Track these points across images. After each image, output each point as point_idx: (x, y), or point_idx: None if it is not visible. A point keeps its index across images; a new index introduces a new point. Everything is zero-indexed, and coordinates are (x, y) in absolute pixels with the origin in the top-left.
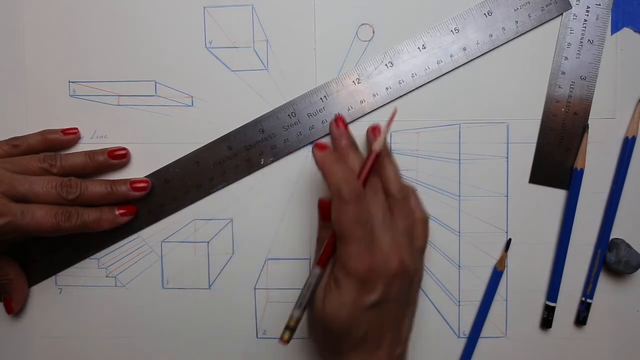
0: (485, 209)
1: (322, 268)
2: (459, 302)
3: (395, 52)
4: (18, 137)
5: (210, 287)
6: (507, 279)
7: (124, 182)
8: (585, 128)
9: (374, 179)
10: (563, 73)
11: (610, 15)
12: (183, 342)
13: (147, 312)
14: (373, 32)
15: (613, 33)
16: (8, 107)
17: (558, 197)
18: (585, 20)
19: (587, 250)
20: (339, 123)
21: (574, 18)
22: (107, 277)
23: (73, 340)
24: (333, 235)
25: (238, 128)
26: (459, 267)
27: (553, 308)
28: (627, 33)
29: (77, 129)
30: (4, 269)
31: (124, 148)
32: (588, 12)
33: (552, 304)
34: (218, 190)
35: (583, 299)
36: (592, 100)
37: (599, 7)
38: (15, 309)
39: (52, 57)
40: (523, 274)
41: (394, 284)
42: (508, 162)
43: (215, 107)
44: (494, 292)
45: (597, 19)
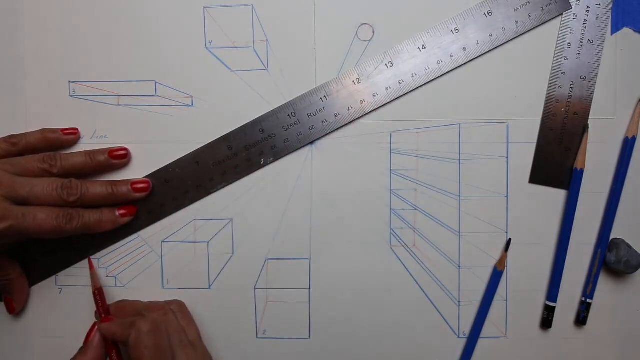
0: (485, 209)
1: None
2: (459, 302)
3: (395, 52)
4: (17, 135)
5: (210, 287)
6: (507, 279)
7: (125, 183)
8: (585, 128)
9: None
10: (563, 73)
11: (610, 15)
12: None
13: None
14: (373, 32)
15: (613, 33)
16: (8, 107)
17: (558, 197)
18: (585, 20)
19: (587, 250)
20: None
21: (574, 18)
22: (107, 277)
23: (73, 340)
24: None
25: (238, 128)
26: (459, 267)
27: (553, 308)
28: (627, 33)
29: (77, 129)
30: (6, 269)
31: (125, 148)
32: (588, 12)
33: (552, 304)
34: (218, 190)
35: (583, 299)
36: (592, 100)
37: (599, 7)
38: (17, 309)
39: (52, 57)
40: (523, 274)
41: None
42: (508, 162)
43: (215, 107)
44: (494, 292)
45: (597, 19)
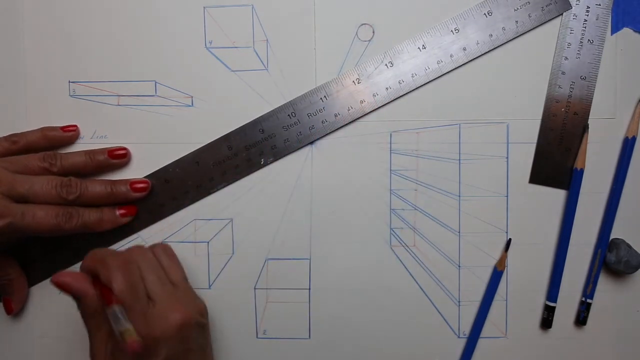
0: (485, 209)
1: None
2: (459, 302)
3: (396, 52)
4: (17, 133)
5: (210, 287)
6: (507, 279)
7: (124, 182)
8: (586, 128)
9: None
10: (563, 73)
11: (610, 15)
12: None
13: None
14: (373, 32)
15: (613, 33)
16: (8, 107)
17: (558, 197)
18: (585, 20)
19: (587, 250)
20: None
21: (574, 18)
22: None
23: (73, 340)
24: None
25: (238, 128)
26: (459, 267)
27: (553, 308)
28: (627, 33)
29: (76, 126)
30: (5, 269)
31: (124, 148)
32: (588, 12)
33: (552, 304)
34: (218, 190)
35: (583, 299)
36: (592, 100)
37: (599, 7)
38: (15, 309)
39: (52, 57)
40: (523, 274)
41: (183, 337)
42: (508, 162)
43: (215, 107)
44: (494, 292)
45: (597, 19)
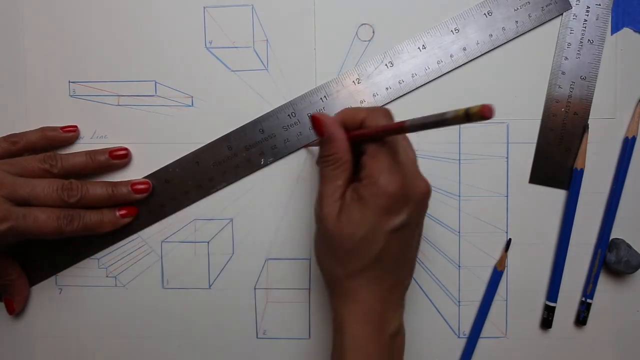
0: (485, 209)
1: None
2: (459, 302)
3: (396, 52)
4: (16, 133)
5: (210, 287)
6: (507, 279)
7: (125, 183)
8: (585, 128)
9: None
10: (563, 73)
11: (610, 15)
12: (183, 342)
13: (147, 312)
14: (373, 32)
15: (613, 33)
16: (8, 107)
17: (558, 197)
18: (585, 20)
19: (587, 250)
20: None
21: (574, 18)
22: (107, 277)
23: (73, 340)
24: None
25: (238, 128)
26: (459, 267)
27: (553, 308)
28: (627, 33)
29: (76, 127)
30: (6, 270)
31: (125, 148)
32: (588, 12)
33: (552, 304)
34: (218, 190)
35: (583, 299)
36: (592, 100)
37: (599, 7)
38: (17, 309)
39: (52, 57)
40: (523, 274)
41: (420, 208)
42: (508, 162)
43: (215, 107)
44: (494, 292)
45: (597, 19)
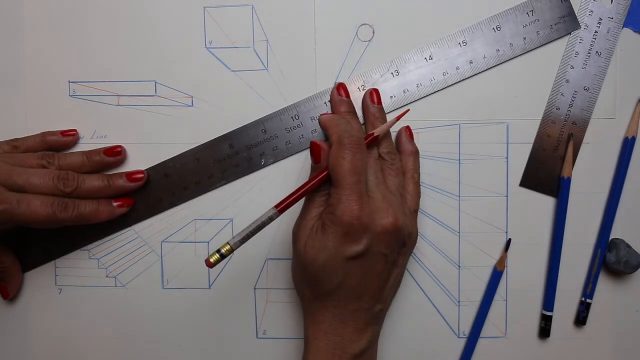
0: (485, 209)
1: (278, 211)
2: (459, 302)
3: (402, 61)
4: (18, 138)
5: (210, 287)
6: (507, 279)
7: (120, 175)
8: (570, 137)
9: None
10: (567, 81)
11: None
12: (183, 342)
13: (147, 312)
14: (373, 32)
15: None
16: (8, 107)
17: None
18: (596, 32)
19: (586, 251)
20: (340, 90)
21: (585, 28)
22: (107, 277)
23: (73, 340)
24: (308, 183)
25: (241, 127)
26: (459, 267)
27: (550, 317)
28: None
29: (75, 131)
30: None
31: (120, 146)
32: (600, 24)
33: (548, 313)
34: (217, 188)
35: (583, 299)
36: (592, 112)
37: (611, 20)
38: (11, 294)
39: (52, 57)
40: (523, 274)
41: (383, 241)
42: (508, 162)
43: (215, 107)
44: (494, 292)
45: (607, 32)
